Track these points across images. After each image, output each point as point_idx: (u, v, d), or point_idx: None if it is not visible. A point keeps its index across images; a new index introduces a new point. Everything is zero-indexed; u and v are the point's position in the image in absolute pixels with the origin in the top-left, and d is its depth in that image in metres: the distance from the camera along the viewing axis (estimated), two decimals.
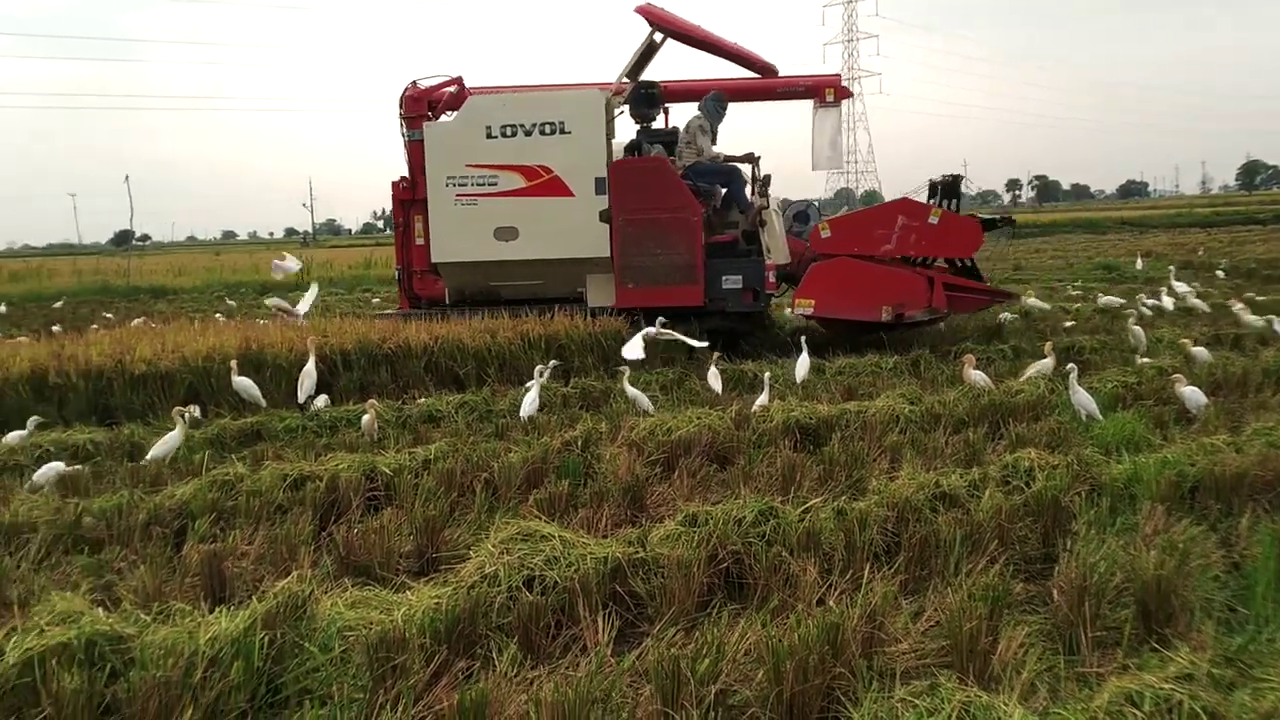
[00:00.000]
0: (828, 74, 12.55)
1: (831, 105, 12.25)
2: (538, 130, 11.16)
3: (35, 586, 4.56)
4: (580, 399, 8.75)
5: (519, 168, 11.24)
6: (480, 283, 11.89)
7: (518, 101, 11.54)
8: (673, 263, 11.04)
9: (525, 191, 11.25)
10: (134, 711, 3.26)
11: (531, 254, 11.35)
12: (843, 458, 6.10)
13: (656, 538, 4.59)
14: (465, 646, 3.84)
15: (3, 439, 7.38)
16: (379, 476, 6.00)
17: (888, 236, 10.92)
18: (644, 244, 11.07)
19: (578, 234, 11.19)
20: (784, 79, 12.84)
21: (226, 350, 9.16)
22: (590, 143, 11.19)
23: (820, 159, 12.37)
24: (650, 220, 11.04)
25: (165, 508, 5.49)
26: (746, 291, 11.12)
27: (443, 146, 11.47)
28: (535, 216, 11.25)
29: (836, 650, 3.51)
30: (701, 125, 11.62)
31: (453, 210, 11.42)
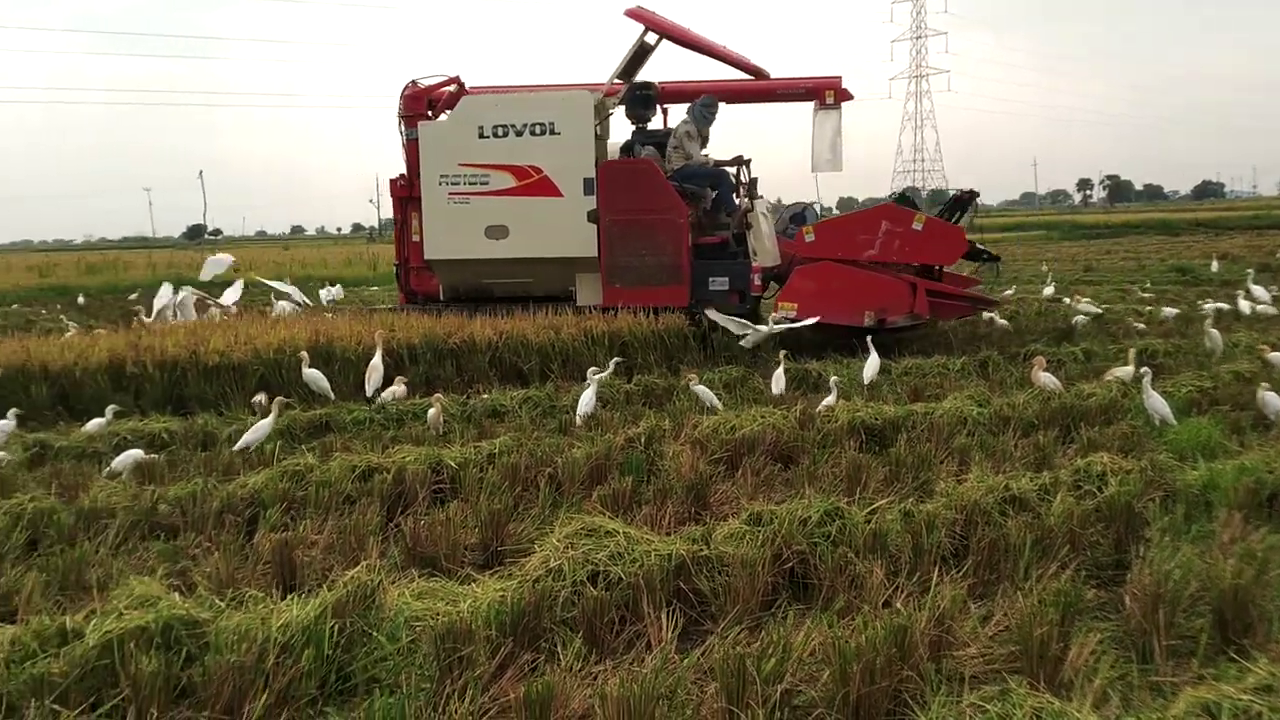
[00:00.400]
0: (828, 76, 12.45)
1: (831, 107, 12.18)
2: (528, 131, 11.32)
3: (114, 570, 4.70)
4: (643, 396, 8.76)
5: (510, 167, 11.42)
6: (472, 280, 12.06)
7: (509, 102, 11.71)
8: (659, 263, 11.18)
9: (515, 191, 11.43)
10: (209, 695, 3.33)
11: (521, 253, 11.53)
12: (909, 459, 6.03)
13: (720, 536, 4.58)
14: (530, 639, 3.86)
15: (83, 427, 7.59)
16: (445, 469, 6.07)
17: (871, 242, 10.94)
18: (630, 244, 11.21)
19: (566, 233, 11.34)
20: (784, 80, 12.80)
21: (297, 343, 9.32)
22: (579, 143, 11.32)
23: (820, 161, 12.26)
24: (637, 221, 11.18)
25: (238, 496, 5.60)
26: (732, 293, 11.27)
27: (436, 145, 11.67)
28: (525, 216, 11.43)
29: (904, 653, 3.48)
30: (688, 131, 11.74)
31: (445, 208, 11.62)
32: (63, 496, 5.78)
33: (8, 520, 5.20)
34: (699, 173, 11.68)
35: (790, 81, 12.67)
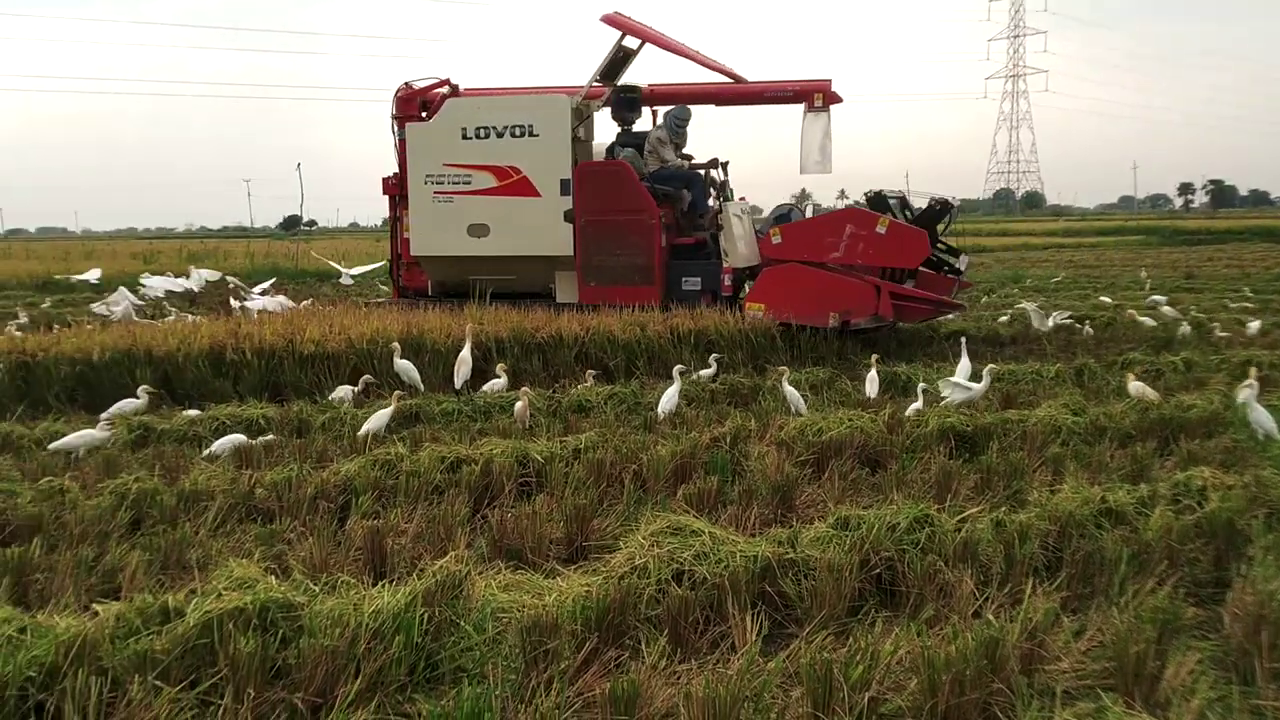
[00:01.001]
0: (817, 79, 12.51)
1: (820, 110, 12.26)
2: (509, 133, 11.68)
3: (212, 551, 4.84)
4: (728, 395, 8.74)
5: (491, 168, 11.79)
6: (458, 276, 12.36)
7: (491, 105, 12.07)
8: (632, 263, 11.49)
9: (496, 191, 11.81)
10: (302, 677, 3.41)
11: (501, 250, 11.92)
12: (1001, 467, 5.92)
13: (807, 539, 4.54)
14: (614, 636, 3.88)
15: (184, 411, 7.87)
16: (531, 463, 6.13)
17: (836, 244, 11.03)
18: (604, 244, 11.53)
19: (544, 233, 11.69)
20: (772, 83, 12.89)
21: (389, 334, 9.49)
22: (556, 145, 11.64)
23: (809, 164, 12.32)
24: (611, 222, 11.50)
25: (331, 483, 5.72)
26: (705, 293, 11.54)
27: (423, 146, 12.06)
28: (505, 215, 11.81)
29: (995, 665, 3.42)
30: (660, 137, 12.07)
31: (431, 206, 12.04)
32: (165, 478, 5.98)
33: (114, 500, 5.40)
34: (673, 175, 11.98)
35: (778, 84, 12.78)
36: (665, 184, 11.83)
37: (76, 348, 8.98)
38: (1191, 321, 12.61)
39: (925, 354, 11.01)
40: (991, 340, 12.07)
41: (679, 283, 11.62)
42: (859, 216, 11.29)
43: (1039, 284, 20.52)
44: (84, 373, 8.81)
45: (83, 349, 8.95)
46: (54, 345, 9.05)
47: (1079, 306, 15.09)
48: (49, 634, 3.46)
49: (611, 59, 12.22)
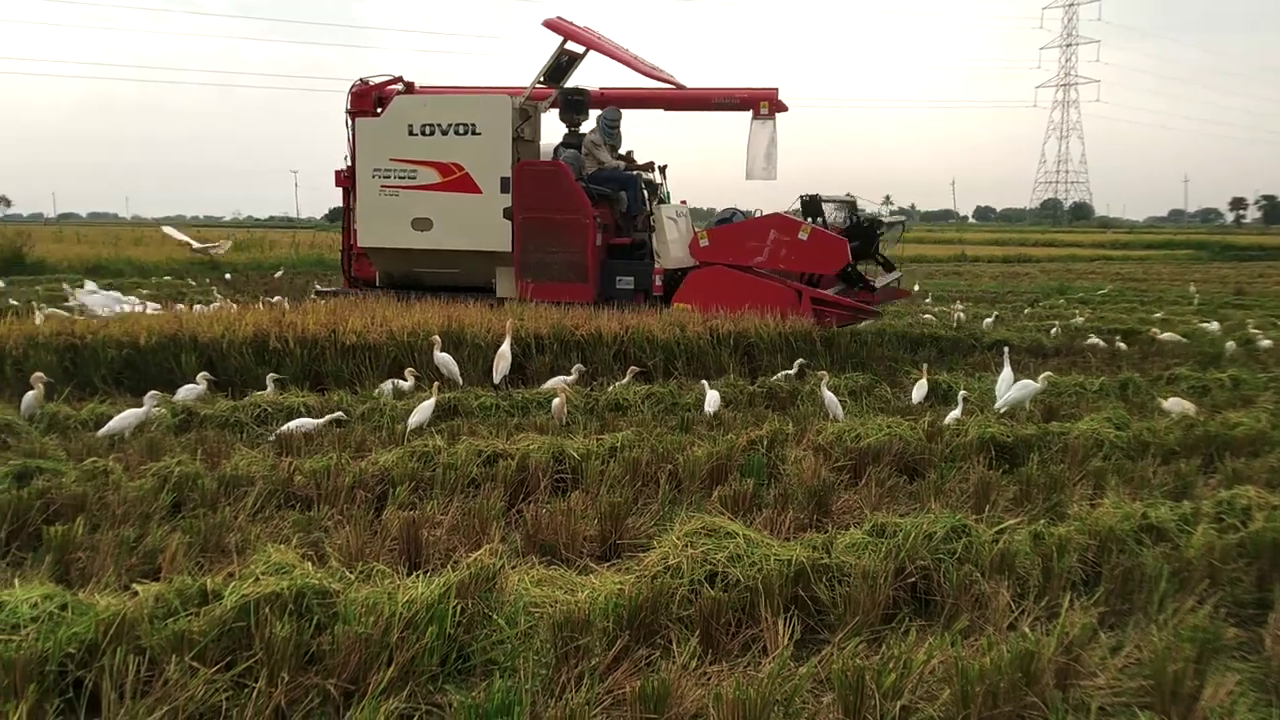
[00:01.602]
0: (764, 87, 12.84)
1: (766, 118, 12.56)
2: (452, 130, 12.03)
3: (251, 536, 4.89)
4: (766, 398, 8.71)
5: (435, 164, 12.14)
6: (404, 268, 12.81)
7: (436, 103, 12.41)
8: (567, 261, 11.81)
9: (439, 186, 12.16)
10: (336, 663, 3.44)
11: (443, 244, 12.27)
12: (1041, 479, 5.86)
13: (842, 545, 4.51)
14: (646, 635, 3.88)
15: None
16: (567, 460, 6.13)
17: (760, 249, 11.43)
18: (541, 242, 11.85)
19: (484, 228, 12.03)
20: (720, 90, 13.16)
21: (429, 327, 9.56)
22: (497, 144, 11.95)
23: (755, 170, 12.59)
24: (547, 220, 11.81)
25: (368, 473, 5.76)
26: (638, 292, 11.92)
27: (371, 140, 12.42)
28: (447, 210, 12.17)
29: (1030, 678, 3.38)
30: (595, 140, 12.42)
31: (378, 200, 12.39)
32: (206, 462, 6.05)
33: (156, 482, 5.47)
34: (611, 177, 12.32)
35: (726, 91, 13.09)
36: (602, 185, 12.15)
37: (124, 331, 9.12)
38: (1240, 340, 12.41)
39: (967, 363, 10.92)
40: (1035, 351, 11.95)
41: (613, 281, 11.96)
42: (782, 223, 11.60)
43: (1085, 296, 20.27)
44: (130, 356, 8.95)
45: (130, 333, 9.09)
46: (102, 329, 9.19)
47: (1125, 320, 14.90)
48: (89, 612, 3.51)
49: (555, 62, 12.53)
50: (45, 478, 5.49)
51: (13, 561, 4.77)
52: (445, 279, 12.51)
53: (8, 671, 3.15)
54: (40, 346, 8.78)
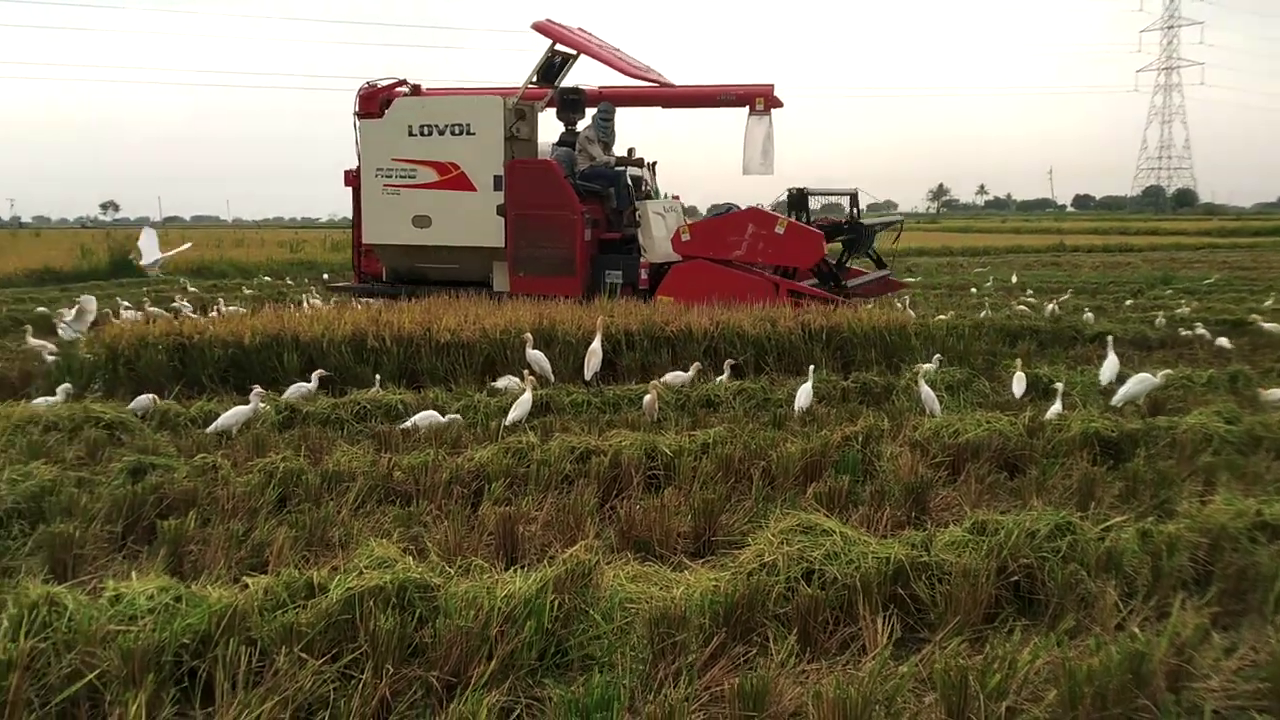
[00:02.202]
0: (760, 84, 13.07)
1: (761, 113, 12.81)
2: (449, 131, 12.50)
3: (353, 530, 5.01)
4: (860, 394, 8.60)
5: (433, 163, 12.62)
6: (408, 263, 13.29)
7: (433, 104, 12.85)
8: (556, 256, 12.21)
9: (437, 185, 12.63)
10: (437, 656, 3.50)
11: (442, 241, 12.73)
12: (1148, 475, 5.69)
13: (941, 543, 4.44)
14: (742, 632, 3.87)
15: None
16: (659, 456, 6.14)
17: (739, 243, 11.76)
18: (532, 237, 12.28)
19: (479, 225, 12.46)
20: (717, 87, 13.47)
21: (521, 324, 9.65)
22: (491, 143, 12.36)
23: (752, 165, 12.86)
24: (537, 216, 12.25)
25: (465, 469, 5.85)
26: (626, 285, 12.19)
27: (374, 141, 12.94)
28: (445, 207, 12.63)
29: (1140, 680, 3.29)
30: (588, 136, 12.72)
31: (381, 198, 12.90)
32: (309, 458, 6.21)
33: (262, 477, 5.63)
34: (599, 174, 12.61)
35: (723, 88, 13.37)
36: (591, 182, 12.49)
37: (229, 331, 9.39)
38: None
39: (1068, 356, 10.65)
40: (1139, 343, 11.59)
41: (603, 275, 12.32)
42: (759, 217, 11.94)
43: (1191, 286, 19.59)
44: (236, 355, 9.22)
45: (235, 333, 9.36)
46: (209, 329, 9.49)
47: (1234, 310, 14.35)
48: (203, 604, 3.63)
49: (547, 63, 12.94)
50: (158, 473, 5.71)
51: (129, 554, 4.95)
52: (447, 274, 13.02)
53: (127, 661, 3.28)
54: (150, 346, 9.10)
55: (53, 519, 4.99)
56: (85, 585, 4.24)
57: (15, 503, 5.16)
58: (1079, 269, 27.06)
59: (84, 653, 3.34)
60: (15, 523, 5.05)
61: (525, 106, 12.85)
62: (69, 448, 6.53)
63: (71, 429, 6.98)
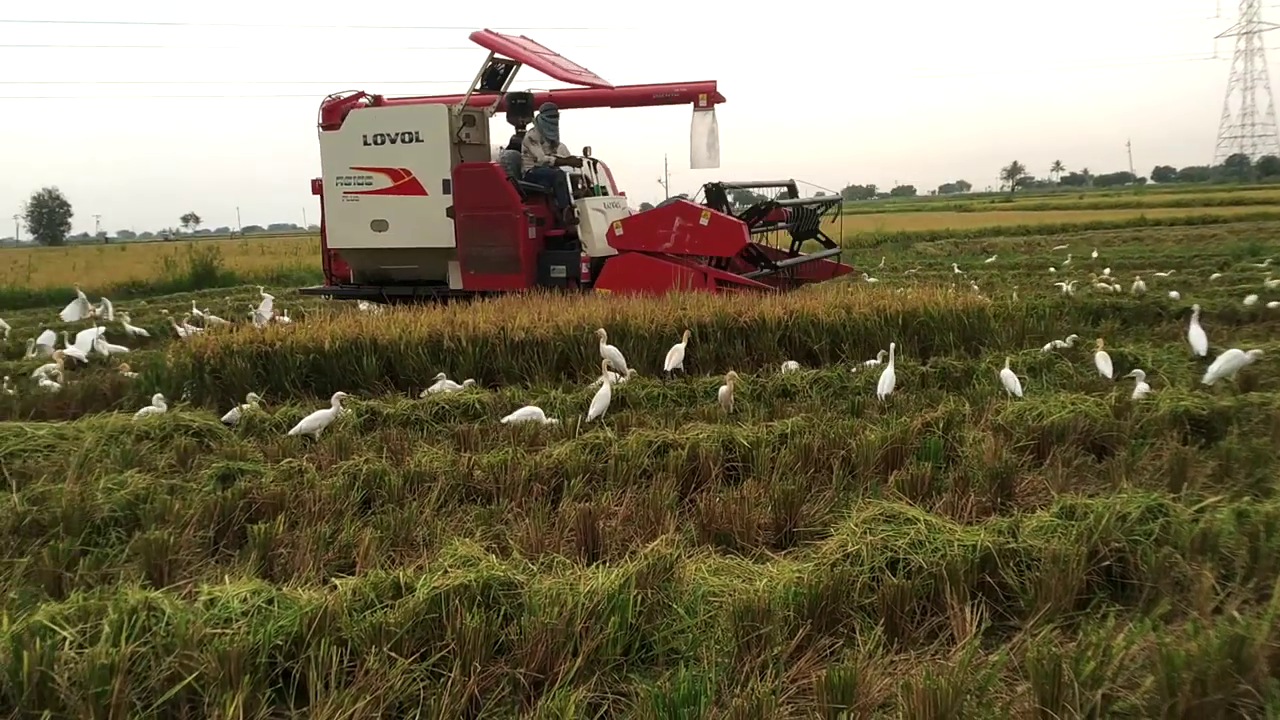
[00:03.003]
0: (702, 81, 13.53)
1: (705, 109, 13.26)
2: (399, 139, 13.16)
3: (436, 530, 5.07)
4: (939, 379, 8.47)
5: (387, 170, 13.28)
6: (371, 266, 13.99)
7: (384, 114, 13.59)
8: (502, 254, 12.82)
9: (392, 190, 13.27)
10: (524, 653, 3.53)
11: (398, 243, 13.41)
12: (1243, 453, 5.52)
13: (1029, 529, 4.35)
14: (827, 623, 3.84)
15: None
16: (736, 448, 6.12)
17: (668, 235, 12.23)
18: (479, 237, 12.88)
19: (431, 227, 13.10)
20: (660, 86, 14.03)
21: (594, 320, 9.68)
22: (438, 149, 13.01)
23: (698, 159, 13.31)
24: (483, 217, 12.84)
25: (544, 466, 5.88)
26: (570, 279, 12.73)
27: (333, 151, 13.62)
28: (400, 211, 13.28)
29: (1241, 665, 3.19)
30: (532, 137, 13.31)
31: (342, 205, 13.59)
32: (391, 460, 6.30)
33: (346, 480, 5.73)
34: (541, 174, 13.21)
35: (666, 87, 13.92)
36: (535, 182, 13.11)
37: (310, 337, 9.58)
38: None
39: (1153, 333, 10.38)
40: (1228, 318, 11.24)
41: (549, 270, 12.89)
42: (685, 210, 12.43)
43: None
44: (316, 360, 9.39)
45: (315, 338, 9.54)
46: (290, 335, 9.69)
47: None
48: (294, 606, 3.70)
49: (490, 71, 13.66)
50: (246, 478, 5.84)
51: (221, 559, 5.08)
52: (408, 274, 13.75)
53: (223, 663, 3.36)
54: (235, 354, 9.32)
55: (148, 526, 5.14)
56: (181, 590, 4.35)
57: (112, 511, 5.32)
58: (1161, 243, 26.35)
59: (182, 656, 3.42)
60: (112, 530, 5.21)
61: (474, 112, 13.51)
62: (160, 456, 6.71)
63: (162, 437, 7.17)
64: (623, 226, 12.66)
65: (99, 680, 3.23)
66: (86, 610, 3.66)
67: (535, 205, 12.99)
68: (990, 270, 18.69)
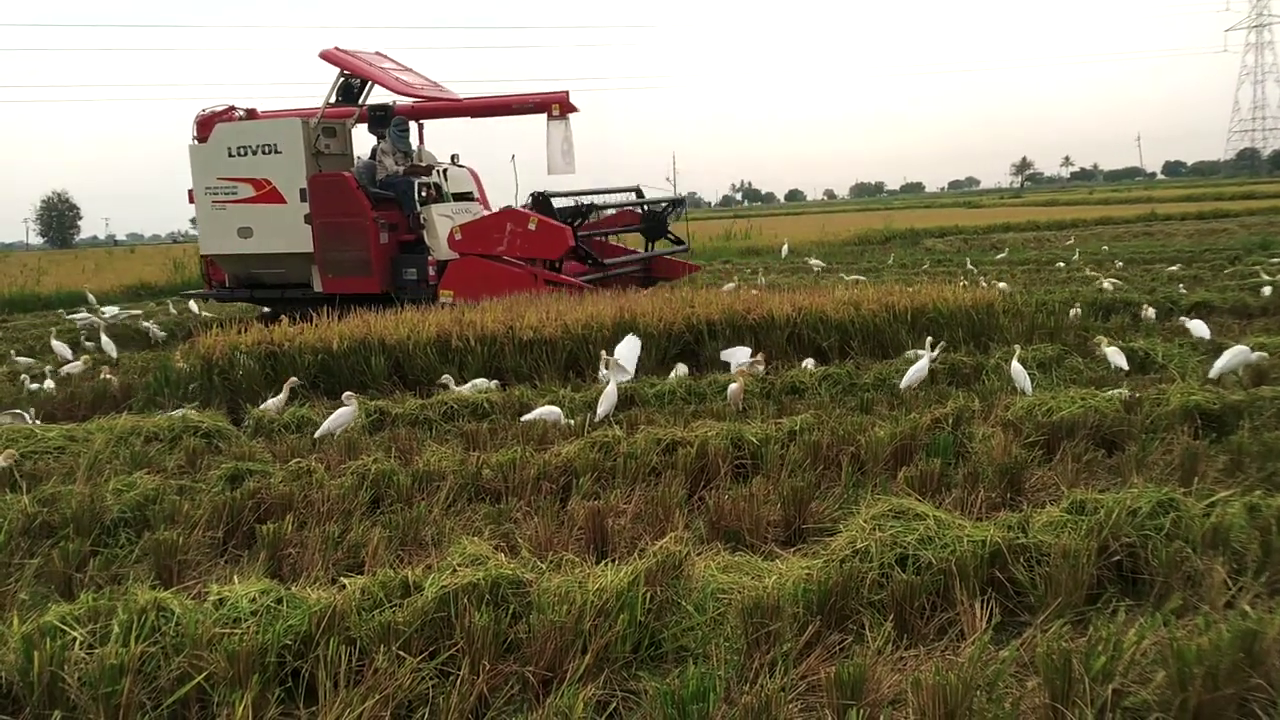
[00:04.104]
0: (554, 91, 14.33)
1: (559, 118, 13.98)
2: (260, 150, 14.13)
3: (445, 529, 5.08)
4: (949, 375, 8.44)
5: (250, 180, 14.25)
6: (243, 270, 14.90)
7: (247, 128, 14.59)
8: (356, 258, 13.66)
9: (255, 199, 14.24)
10: (533, 651, 3.53)
11: (262, 249, 14.33)
12: (1254, 448, 5.49)
13: (1039, 524, 4.33)
14: (837, 620, 3.83)
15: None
16: (745, 445, 6.11)
17: (500, 240, 13.01)
18: (334, 242, 13.77)
19: (291, 233, 14.00)
20: (515, 97, 14.81)
21: (603, 319, 9.67)
22: (294, 160, 13.96)
23: (555, 165, 14.01)
24: (336, 223, 13.73)
25: (552, 465, 5.88)
26: (420, 281, 13.58)
27: (203, 162, 14.57)
28: (263, 219, 14.21)
29: (1253, 659, 3.17)
30: (383, 148, 14.21)
31: (211, 213, 14.58)
32: (400, 459, 6.30)
33: (355, 480, 5.73)
34: (391, 183, 13.99)
35: (522, 98, 14.68)
36: (386, 190, 13.85)
37: (318, 337, 9.59)
38: None
39: (1164, 328, 10.32)
40: (1239, 312, 11.19)
41: (401, 273, 13.71)
42: (515, 216, 13.22)
43: None
44: (325, 360, 9.40)
45: (323, 338, 9.55)
46: (298, 335, 9.70)
47: None
48: (302, 605, 3.71)
49: (345, 85, 14.52)
50: (255, 479, 5.84)
51: (230, 559, 5.09)
52: (276, 278, 14.60)
53: (233, 663, 3.36)
54: (244, 354, 9.33)
55: (157, 526, 5.15)
56: (190, 590, 4.36)
57: (121, 512, 5.33)
58: (1172, 238, 26.21)
59: (191, 655, 3.43)
60: (122, 531, 5.23)
61: (335, 125, 14.50)
62: (169, 457, 6.73)
63: (171, 439, 7.19)
64: (461, 232, 13.36)
65: (109, 680, 3.23)
66: (96, 611, 3.68)
67: (390, 212, 13.81)
68: (1000, 266, 18.62)
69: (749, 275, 18.79)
